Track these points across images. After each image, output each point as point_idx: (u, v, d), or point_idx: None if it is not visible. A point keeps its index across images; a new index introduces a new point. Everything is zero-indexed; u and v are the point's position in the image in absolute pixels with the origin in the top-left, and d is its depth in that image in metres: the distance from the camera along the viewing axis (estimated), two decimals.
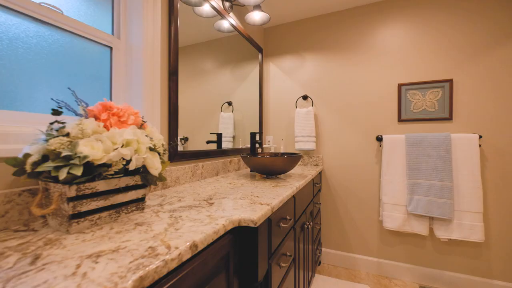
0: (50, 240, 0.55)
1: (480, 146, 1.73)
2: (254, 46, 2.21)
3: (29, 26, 0.82)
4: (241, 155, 1.55)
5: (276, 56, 2.43)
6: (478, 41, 1.74)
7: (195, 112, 1.46)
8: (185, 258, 0.52)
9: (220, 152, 1.69)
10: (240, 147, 2.00)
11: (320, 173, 2.16)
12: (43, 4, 0.85)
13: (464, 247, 1.76)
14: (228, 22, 1.77)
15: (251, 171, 1.79)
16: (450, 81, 1.81)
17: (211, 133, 1.65)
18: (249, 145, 2.12)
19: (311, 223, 1.56)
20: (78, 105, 0.67)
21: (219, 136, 1.77)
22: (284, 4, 2.07)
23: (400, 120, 1.95)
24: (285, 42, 2.39)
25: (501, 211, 1.68)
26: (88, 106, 0.70)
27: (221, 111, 1.77)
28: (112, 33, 1.12)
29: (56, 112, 0.61)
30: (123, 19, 1.13)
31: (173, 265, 0.49)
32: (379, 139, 1.98)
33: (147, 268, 0.43)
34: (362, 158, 2.07)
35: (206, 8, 1.53)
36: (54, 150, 0.56)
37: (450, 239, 1.79)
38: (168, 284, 0.48)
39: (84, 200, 0.61)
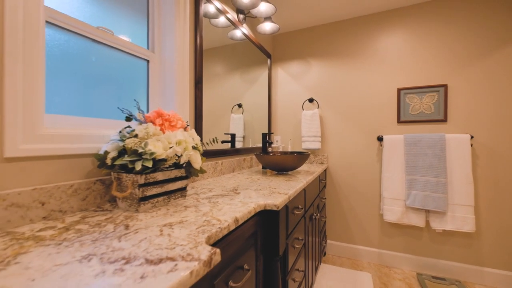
0: (127, 216, 0.73)
1: (471, 145, 1.90)
2: (263, 52, 2.38)
3: (89, 45, 1.00)
4: (255, 153, 1.72)
5: (284, 62, 2.60)
6: (471, 50, 1.90)
7: (208, 113, 1.61)
8: (231, 228, 0.70)
9: (234, 151, 1.86)
10: (250, 146, 2.17)
11: (325, 170, 2.33)
12: (100, 28, 1.03)
13: (457, 238, 1.93)
14: (241, 32, 1.94)
15: (263, 168, 1.96)
16: (445, 86, 1.98)
17: (225, 134, 1.82)
18: (258, 145, 2.30)
19: (318, 215, 1.73)
20: (139, 112, 0.85)
21: (233, 136, 1.94)
22: (291, 14, 2.25)
23: (399, 121, 2.12)
24: (292, 49, 2.56)
25: (491, 204, 1.84)
26: (146, 113, 0.87)
27: (232, 112, 1.92)
28: (147, 48, 1.30)
29: (128, 119, 0.79)
30: (157, 35, 1.31)
31: (225, 232, 0.66)
32: (380, 139, 2.15)
33: (210, 232, 0.61)
34: (364, 156, 2.24)
35: (221, 20, 1.70)
36: (130, 148, 0.74)
37: (445, 230, 1.95)
38: (223, 246, 0.66)
39: (148, 187, 0.78)
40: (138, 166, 0.72)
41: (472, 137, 1.86)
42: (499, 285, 1.81)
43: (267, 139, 2.03)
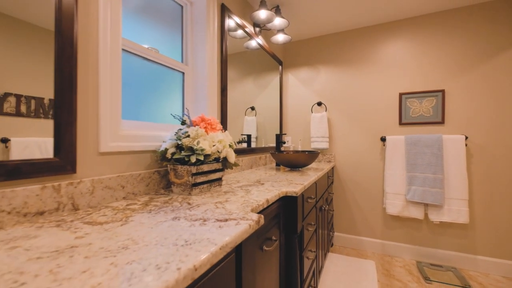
0: (184, 198, 0.96)
1: (466, 145, 2.09)
2: (275, 59, 2.60)
3: (144, 63, 1.23)
4: (271, 152, 1.94)
5: (294, 68, 2.82)
6: (465, 58, 2.09)
7: None
8: (265, 206, 0.92)
9: (250, 150, 2.07)
10: (263, 146, 2.38)
11: (332, 168, 2.54)
12: (150, 48, 1.26)
13: (453, 229, 2.12)
14: (256, 42, 2.16)
15: (276, 165, 2.18)
16: (442, 91, 2.17)
17: (241, 134, 2.03)
18: (270, 145, 2.51)
19: (327, 207, 1.94)
20: (186, 116, 1.08)
21: (249, 137, 2.16)
22: (302, 25, 2.46)
23: (400, 123, 2.32)
24: (302, 56, 2.77)
25: (483, 198, 2.03)
26: (192, 118, 1.10)
27: (245, 115, 2.12)
28: (182, 61, 1.53)
29: (183, 123, 1.02)
30: (190, 50, 1.54)
31: (260, 208, 0.89)
32: (383, 139, 2.35)
33: (252, 206, 0.83)
34: (368, 155, 2.45)
35: (239, 32, 1.92)
36: (187, 145, 0.96)
37: (442, 221, 2.14)
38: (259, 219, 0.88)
39: (198, 176, 1.01)
40: (193, 159, 0.95)
41: (466, 137, 2.05)
42: (491, 272, 2.00)
43: (280, 139, 2.25)
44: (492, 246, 2.01)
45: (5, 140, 0.66)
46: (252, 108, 2.23)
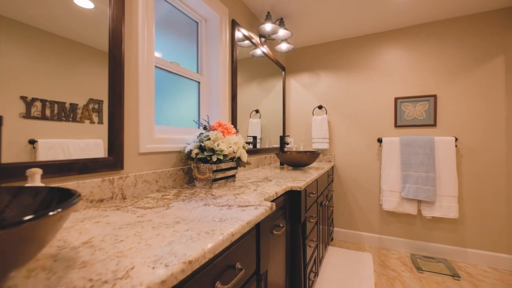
0: (207, 191, 1.14)
1: (456, 146, 2.26)
2: (279, 65, 2.78)
3: (167, 75, 1.42)
4: (275, 152, 2.13)
5: (296, 73, 3.00)
6: (455, 66, 2.27)
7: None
8: (274, 197, 1.10)
9: (255, 151, 2.26)
10: (267, 147, 2.56)
11: (332, 167, 2.72)
12: (172, 62, 1.45)
13: (444, 223, 2.29)
14: (261, 51, 2.35)
15: (280, 164, 2.37)
16: (434, 96, 2.35)
17: (248, 136, 2.21)
18: (274, 145, 2.70)
19: (327, 202, 2.12)
20: (206, 122, 1.27)
21: (255, 138, 2.34)
22: (304, 34, 2.65)
23: (396, 126, 2.49)
24: (303, 62, 2.96)
25: (472, 195, 2.21)
26: (211, 123, 1.29)
27: (250, 117, 2.30)
28: (197, 71, 1.72)
29: (205, 128, 1.21)
30: (205, 62, 1.72)
31: (271, 198, 1.07)
32: (380, 140, 2.53)
33: (264, 196, 1.02)
34: (366, 156, 2.63)
35: (246, 42, 2.10)
36: (209, 147, 1.15)
37: (433, 217, 2.32)
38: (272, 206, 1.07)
39: (217, 172, 1.20)
40: (214, 158, 1.13)
41: (456, 139, 2.23)
42: (479, 263, 2.17)
43: (284, 141, 2.44)
44: (480, 239, 2.18)
45: (33, 142, 0.74)
46: (257, 111, 2.41)
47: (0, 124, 0.53)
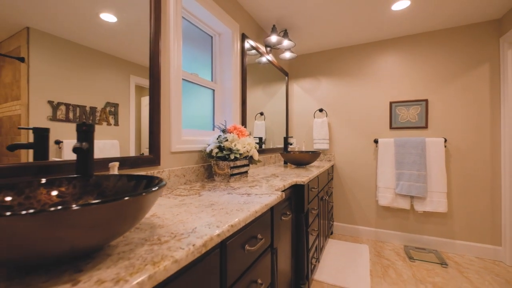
0: (226, 184, 1.36)
1: (445, 146, 2.47)
2: (282, 72, 3.00)
3: (186, 83, 1.64)
4: (280, 152, 2.34)
5: (299, 79, 3.22)
6: (445, 74, 2.48)
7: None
8: (282, 189, 1.32)
9: (261, 151, 2.47)
10: (271, 147, 2.77)
11: (332, 166, 2.93)
12: (192, 73, 1.67)
13: (434, 217, 2.50)
14: (266, 58, 2.56)
15: (284, 163, 2.58)
16: (426, 100, 2.56)
17: (254, 137, 2.42)
18: (278, 146, 2.91)
19: (327, 198, 2.34)
20: (223, 125, 1.49)
21: (260, 139, 2.55)
22: (306, 43, 2.86)
23: (391, 128, 2.71)
24: (305, 69, 3.18)
25: (460, 191, 2.42)
26: (227, 126, 1.51)
27: (255, 119, 2.50)
28: (211, 80, 1.93)
29: (223, 131, 1.43)
30: (218, 72, 1.94)
31: (280, 189, 1.28)
32: (376, 141, 2.74)
33: (275, 188, 1.23)
34: (363, 155, 2.84)
35: (253, 51, 2.31)
36: (227, 147, 1.37)
37: (425, 211, 2.53)
38: (282, 195, 1.28)
39: (234, 169, 1.41)
40: (232, 156, 1.35)
41: (445, 140, 2.44)
42: (466, 253, 2.38)
43: (287, 141, 2.65)
44: (467, 231, 2.39)
45: (58, 142, 0.81)
46: (261, 114, 2.61)
47: (93, 131, 0.74)
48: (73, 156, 0.85)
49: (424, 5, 2.08)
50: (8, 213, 0.34)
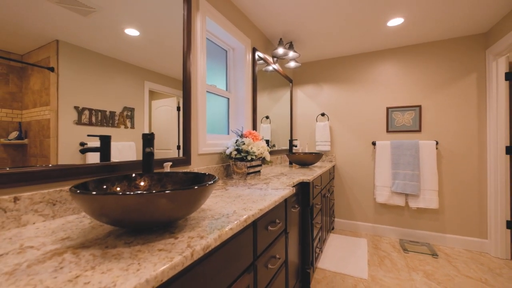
0: (244, 181, 1.59)
1: (437, 148, 2.71)
2: (287, 79, 3.23)
3: (208, 95, 1.87)
4: (286, 153, 2.58)
5: (302, 85, 3.46)
6: (438, 81, 2.72)
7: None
8: (292, 185, 1.55)
9: (269, 152, 2.70)
10: (276, 149, 3.00)
11: (333, 166, 3.16)
12: (211, 84, 1.90)
13: (427, 213, 2.73)
14: (272, 67, 2.80)
15: (289, 163, 2.81)
16: (420, 106, 2.79)
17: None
18: (283, 147, 3.14)
19: (329, 195, 2.57)
20: (239, 131, 1.72)
21: (267, 142, 2.78)
22: (309, 52, 3.10)
23: (387, 131, 2.94)
24: (308, 76, 3.41)
25: (450, 189, 2.65)
26: (243, 131, 1.74)
27: (261, 123, 2.72)
28: (226, 89, 2.17)
29: (241, 136, 1.66)
30: (232, 82, 2.18)
31: (291, 184, 1.52)
32: (374, 144, 2.97)
33: (286, 184, 1.47)
34: (362, 156, 3.07)
35: (261, 61, 2.54)
36: (244, 149, 1.60)
37: (418, 208, 2.76)
38: (293, 190, 1.52)
39: (250, 168, 1.65)
40: (249, 157, 1.59)
41: (437, 142, 2.67)
42: (456, 246, 2.61)
43: (292, 144, 2.89)
44: (456, 226, 2.62)
45: (83, 144, 0.87)
46: (267, 117, 2.84)
47: (153, 138, 0.98)
48: (97, 159, 1.09)
49: (416, 22, 2.32)
50: (141, 192, 0.57)
